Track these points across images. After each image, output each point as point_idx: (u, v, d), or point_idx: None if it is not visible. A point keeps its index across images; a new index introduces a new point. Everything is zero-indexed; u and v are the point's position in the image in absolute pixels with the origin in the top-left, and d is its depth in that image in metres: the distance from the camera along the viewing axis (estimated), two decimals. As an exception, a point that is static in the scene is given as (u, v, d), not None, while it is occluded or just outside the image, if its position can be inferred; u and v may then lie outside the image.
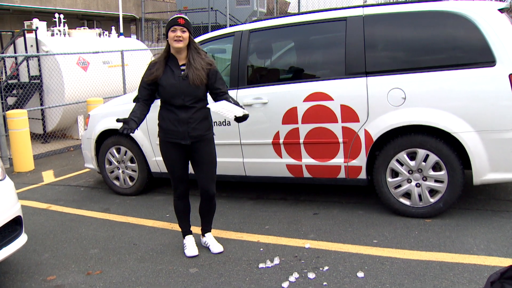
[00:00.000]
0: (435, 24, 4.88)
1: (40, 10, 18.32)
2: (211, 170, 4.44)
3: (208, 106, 4.18)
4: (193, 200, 4.90)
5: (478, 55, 4.70)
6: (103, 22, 21.69)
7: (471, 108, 4.65)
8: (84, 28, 14.26)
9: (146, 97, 4.34)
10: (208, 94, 4.36)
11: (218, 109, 4.03)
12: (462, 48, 4.84)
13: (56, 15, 12.73)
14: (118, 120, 4.08)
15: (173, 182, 4.51)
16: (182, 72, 4.21)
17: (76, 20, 20.48)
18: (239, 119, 4.04)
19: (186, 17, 4.21)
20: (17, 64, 10.97)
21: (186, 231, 4.71)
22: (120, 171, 6.65)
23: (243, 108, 4.11)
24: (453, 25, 4.80)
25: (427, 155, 4.84)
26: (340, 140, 5.16)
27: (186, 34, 4.16)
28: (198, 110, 4.25)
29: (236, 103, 4.20)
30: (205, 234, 4.72)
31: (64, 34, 12.62)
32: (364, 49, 5.07)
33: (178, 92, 4.18)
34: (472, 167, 4.72)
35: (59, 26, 12.64)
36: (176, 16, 4.19)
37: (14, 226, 4.23)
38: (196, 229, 4.88)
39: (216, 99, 4.33)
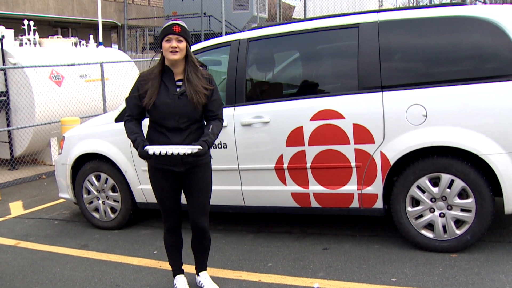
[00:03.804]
0: (459, 31, 5.03)
1: (6, 16, 18.51)
2: (203, 200, 4.51)
3: (145, 148, 4.13)
4: (186, 235, 4.99)
5: (508, 66, 4.84)
6: (79, 29, 21.92)
7: (502, 127, 4.77)
8: (57, 37, 14.46)
9: (139, 115, 4.38)
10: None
11: (159, 150, 4.08)
12: (491, 59, 4.99)
13: (25, 21, 12.90)
14: (137, 147, 4.16)
15: (163, 213, 4.58)
16: (178, 89, 4.25)
17: (49, 27, 20.71)
18: (191, 155, 4.15)
19: (183, 24, 4.22)
20: (-20, 79, 11.08)
21: (177, 270, 4.78)
22: (100, 201, 6.73)
23: (203, 146, 4.15)
24: (479, 32, 4.96)
25: (452, 181, 4.94)
26: (353, 164, 5.26)
27: (183, 44, 4.19)
28: (193, 132, 4.30)
29: (207, 132, 4.25)
30: (200, 273, 4.78)
31: (35, 44, 12.79)
32: (379, 60, 5.20)
33: (172, 113, 4.21)
34: (503, 193, 4.82)
35: (29, 34, 12.82)
36: (171, 22, 4.21)
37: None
38: (188, 268, 4.95)
39: (205, 121, 4.45)
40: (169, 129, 4.25)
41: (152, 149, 4.07)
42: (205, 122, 4.46)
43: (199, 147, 4.11)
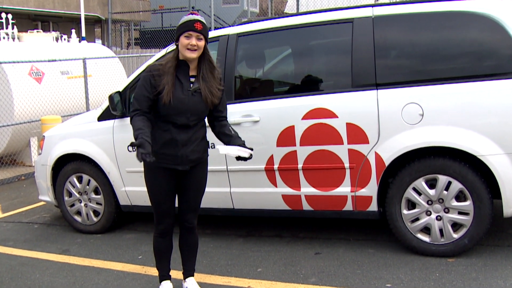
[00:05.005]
0: (456, 27, 5.08)
1: (-16, 10, 18.43)
2: (197, 199, 4.59)
3: (217, 147, 4.32)
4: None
5: (508, 63, 4.88)
6: (61, 24, 21.84)
7: (501, 126, 4.81)
8: (37, 31, 14.42)
9: (147, 109, 4.29)
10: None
11: (228, 152, 4.27)
12: (489, 56, 5.04)
13: (3, 15, 12.87)
14: (132, 144, 4.02)
15: (157, 216, 4.57)
16: (192, 86, 4.30)
17: (28, 21, 20.61)
18: (240, 158, 4.28)
19: (203, 21, 4.25)
20: (-44, 75, 11.04)
21: (164, 275, 4.78)
22: (82, 204, 6.74)
23: (250, 149, 4.36)
24: (478, 28, 5.00)
25: (449, 182, 4.98)
26: (346, 165, 5.30)
27: (202, 43, 4.22)
28: (198, 131, 4.38)
29: (236, 135, 4.44)
30: (187, 279, 4.80)
31: (13, 38, 12.75)
32: (374, 57, 5.23)
33: (185, 109, 4.25)
34: (502, 196, 4.87)
35: (7, 28, 12.78)
36: (192, 18, 4.23)
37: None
38: (175, 274, 4.95)
39: (212, 122, 4.53)
40: (176, 125, 4.27)
41: (224, 150, 4.26)
42: (207, 123, 4.54)
43: (251, 152, 4.35)
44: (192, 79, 4.32)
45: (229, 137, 4.44)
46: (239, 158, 4.35)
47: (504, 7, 4.96)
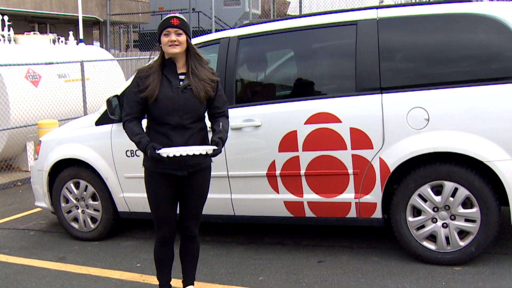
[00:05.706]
0: (463, 29, 5.09)
1: (-21, 11, 18.45)
2: (198, 207, 4.58)
3: (158, 151, 4.09)
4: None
5: (515, 66, 4.89)
6: (58, 25, 21.89)
7: (508, 131, 4.82)
8: (34, 33, 14.45)
9: (140, 113, 4.35)
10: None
11: (173, 153, 4.07)
12: (497, 59, 5.05)
13: (-1, 16, 12.93)
14: (142, 146, 4.14)
15: (157, 223, 4.55)
16: (181, 83, 4.30)
17: (25, 23, 20.64)
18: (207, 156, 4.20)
19: (181, 17, 4.31)
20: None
21: (164, 285, 4.76)
22: (80, 210, 6.73)
23: (219, 145, 4.21)
24: (485, 31, 5.02)
25: (456, 189, 4.98)
26: (350, 171, 5.29)
27: (183, 37, 4.25)
28: (196, 133, 4.34)
29: (219, 130, 4.33)
30: (186, 288, 4.81)
31: (10, 41, 12.78)
32: (379, 60, 5.23)
33: (175, 108, 4.24)
34: (510, 203, 4.86)
35: (3, 30, 12.81)
36: (168, 16, 4.30)
37: None
38: (174, 282, 4.94)
39: (210, 120, 4.49)
40: (172, 127, 4.26)
41: (166, 153, 4.04)
42: (207, 122, 4.49)
43: (214, 147, 4.17)
44: (182, 77, 4.33)
45: (214, 132, 4.38)
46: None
47: (510, 9, 4.96)
